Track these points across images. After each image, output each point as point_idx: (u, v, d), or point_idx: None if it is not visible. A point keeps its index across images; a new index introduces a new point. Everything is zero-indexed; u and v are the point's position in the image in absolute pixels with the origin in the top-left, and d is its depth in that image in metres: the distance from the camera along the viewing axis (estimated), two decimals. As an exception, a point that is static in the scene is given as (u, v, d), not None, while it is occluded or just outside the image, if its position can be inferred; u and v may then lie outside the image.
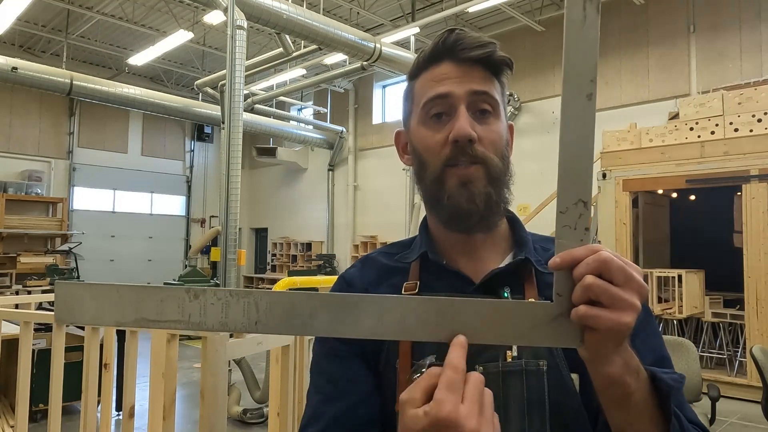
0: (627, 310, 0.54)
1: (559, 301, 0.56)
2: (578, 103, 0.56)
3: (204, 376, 1.90)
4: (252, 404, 4.78)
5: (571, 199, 0.57)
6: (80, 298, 0.55)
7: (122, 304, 0.55)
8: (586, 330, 0.55)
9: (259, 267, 16.83)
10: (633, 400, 0.61)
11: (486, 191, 0.76)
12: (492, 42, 0.79)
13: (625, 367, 0.59)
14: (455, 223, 0.79)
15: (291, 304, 0.55)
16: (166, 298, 0.55)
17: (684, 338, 3.73)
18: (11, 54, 10.31)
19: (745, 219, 5.47)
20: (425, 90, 0.80)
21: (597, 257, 0.54)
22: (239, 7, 7.41)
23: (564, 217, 0.57)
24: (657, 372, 0.64)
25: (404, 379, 0.76)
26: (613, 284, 0.54)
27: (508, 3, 9.35)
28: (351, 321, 0.56)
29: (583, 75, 0.56)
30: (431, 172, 0.79)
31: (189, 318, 0.55)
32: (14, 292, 10.74)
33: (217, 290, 0.55)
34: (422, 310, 0.56)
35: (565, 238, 0.57)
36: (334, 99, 14.45)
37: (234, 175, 7.31)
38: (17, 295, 7.91)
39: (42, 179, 13.39)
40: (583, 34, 0.56)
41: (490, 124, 0.78)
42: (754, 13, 8.27)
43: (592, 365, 0.59)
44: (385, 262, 0.89)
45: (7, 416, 4.26)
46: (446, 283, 0.81)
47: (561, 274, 0.56)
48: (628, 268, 0.54)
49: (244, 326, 0.55)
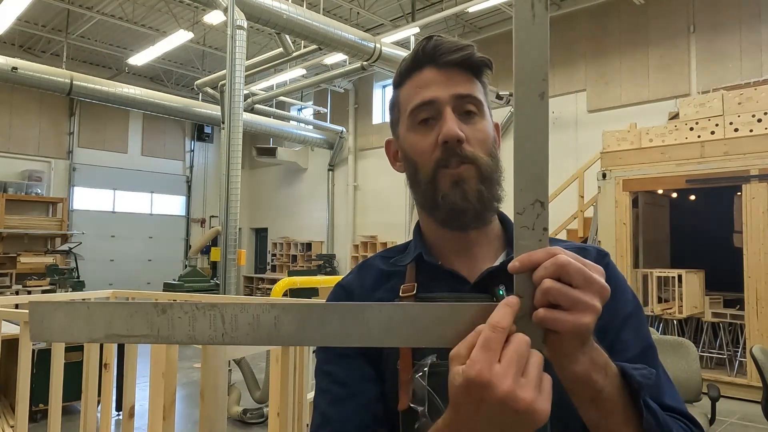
0: (586, 311, 0.54)
1: (521, 303, 0.56)
2: (531, 103, 0.56)
3: (204, 376, 1.90)
4: (252, 404, 4.78)
5: (528, 200, 0.57)
6: (53, 315, 0.56)
7: (93, 321, 0.56)
8: (548, 331, 0.56)
9: (259, 267, 16.83)
10: (603, 397, 0.61)
11: (478, 189, 0.78)
12: (469, 45, 0.81)
13: (592, 364, 0.59)
14: (452, 220, 0.80)
15: (254, 316, 0.56)
16: (134, 313, 0.56)
17: (684, 338, 3.73)
18: (11, 54, 10.31)
19: (745, 219, 5.47)
20: (410, 97, 0.82)
21: (555, 261, 0.55)
22: (239, 7, 7.41)
23: (521, 218, 0.57)
24: (627, 368, 0.64)
25: (405, 379, 0.76)
26: (572, 287, 0.54)
27: (508, 3, 9.34)
28: (315, 328, 0.56)
29: (534, 74, 0.56)
30: (424, 175, 0.80)
31: (158, 332, 0.55)
32: (14, 292, 10.75)
33: (183, 304, 0.56)
34: (393, 316, 0.56)
35: (524, 239, 0.57)
36: (334, 99, 14.44)
37: (234, 175, 7.31)
38: (17, 295, 7.91)
39: (42, 179, 13.39)
40: (533, 33, 0.56)
41: (476, 124, 0.80)
42: (754, 13, 8.27)
43: (557, 365, 0.59)
44: (382, 267, 0.90)
45: (7, 416, 4.26)
46: (443, 284, 0.82)
47: (521, 277, 0.57)
48: (587, 271, 0.55)
49: (211, 338, 0.55)
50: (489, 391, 0.50)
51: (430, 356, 0.75)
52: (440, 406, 0.74)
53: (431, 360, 0.75)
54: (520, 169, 0.57)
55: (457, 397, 0.53)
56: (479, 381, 0.50)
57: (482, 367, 0.50)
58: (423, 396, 0.74)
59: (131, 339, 0.56)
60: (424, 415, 0.74)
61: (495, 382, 0.50)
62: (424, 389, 0.74)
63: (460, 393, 0.52)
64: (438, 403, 0.74)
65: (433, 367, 0.75)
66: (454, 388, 0.53)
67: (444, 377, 0.75)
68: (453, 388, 0.53)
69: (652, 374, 0.66)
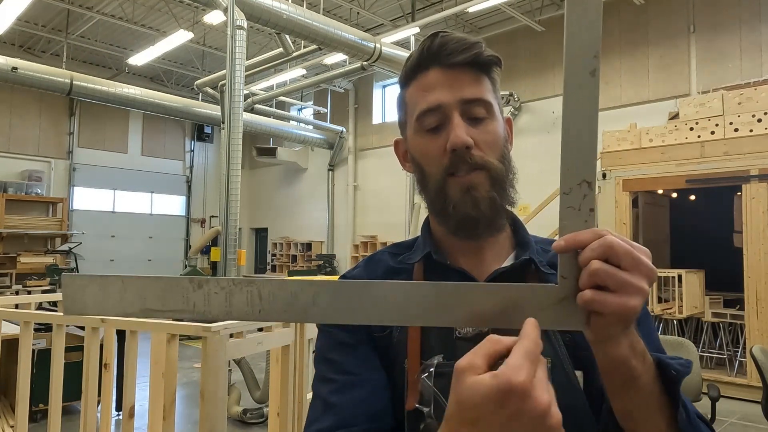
0: (634, 294, 0.53)
1: (564, 284, 0.55)
2: (581, 80, 0.54)
3: (204, 376, 1.90)
4: (252, 404, 4.78)
5: (575, 180, 0.55)
6: (86, 289, 0.56)
7: (127, 295, 0.56)
8: (593, 313, 0.54)
9: (259, 267, 16.83)
10: (639, 384, 0.60)
11: (490, 196, 0.76)
12: (477, 42, 0.78)
13: (632, 349, 0.58)
14: (463, 231, 0.79)
15: (293, 292, 0.55)
16: (169, 288, 0.55)
17: (684, 338, 3.73)
18: (11, 54, 10.31)
19: (745, 219, 5.46)
20: (417, 100, 0.80)
21: (603, 242, 0.53)
22: (239, 7, 7.42)
23: (568, 198, 0.56)
24: (663, 358, 0.63)
25: (413, 379, 0.75)
26: (620, 268, 0.53)
27: (508, 3, 9.35)
28: (353, 307, 0.55)
29: (586, 50, 0.54)
30: (433, 182, 0.79)
31: (194, 307, 0.55)
32: (14, 292, 10.74)
33: (220, 279, 0.56)
34: (428, 295, 0.56)
35: (569, 220, 0.56)
36: (334, 99, 14.44)
37: (234, 175, 7.31)
38: (17, 295, 7.91)
39: (42, 179, 13.39)
40: (587, 7, 0.54)
41: (486, 126, 0.78)
42: (754, 13, 8.27)
43: (598, 347, 0.58)
44: (390, 263, 0.89)
45: (7, 416, 4.26)
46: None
47: (566, 257, 0.55)
48: (636, 252, 0.53)
49: (247, 314, 0.55)
50: (530, 402, 0.46)
51: (437, 356, 0.75)
52: (446, 407, 0.74)
53: (438, 360, 0.74)
54: (568, 149, 0.55)
55: (481, 408, 0.46)
56: (522, 389, 0.45)
57: (527, 377, 0.46)
58: (429, 397, 0.74)
59: (166, 314, 0.56)
60: (430, 416, 0.74)
61: (537, 395, 0.46)
62: (431, 390, 0.74)
63: (487, 403, 0.46)
64: (444, 404, 0.74)
65: (439, 368, 0.74)
66: (476, 398, 0.46)
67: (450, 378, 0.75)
68: (474, 398, 0.47)
69: (689, 364, 0.65)
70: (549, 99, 10.30)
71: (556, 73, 10.15)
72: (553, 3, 10.18)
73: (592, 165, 0.55)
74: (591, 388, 0.75)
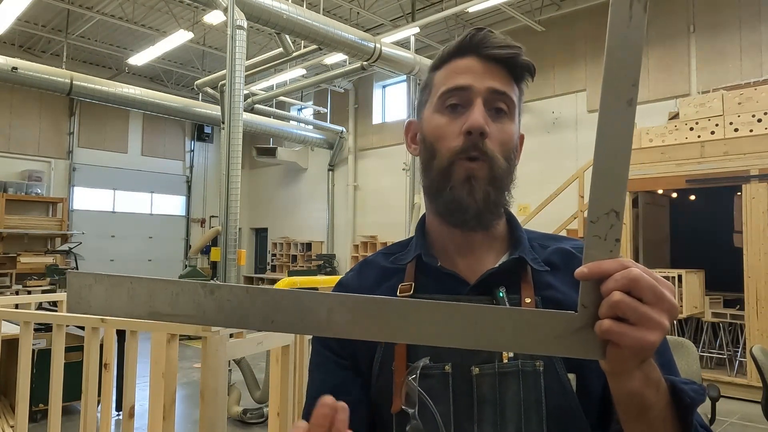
0: (654, 328, 0.52)
1: (584, 312, 0.54)
2: (618, 109, 0.54)
3: (204, 376, 1.90)
4: (252, 404, 4.78)
5: (603, 209, 0.54)
6: (93, 288, 0.55)
7: (135, 296, 0.54)
8: (610, 344, 0.54)
9: (259, 267, 16.82)
10: (652, 414, 0.60)
11: (486, 189, 0.77)
12: (518, 46, 0.80)
13: (646, 381, 0.58)
14: (452, 214, 0.79)
15: (306, 304, 0.54)
16: (180, 292, 0.54)
17: (684, 338, 3.73)
18: (11, 54, 10.31)
19: (745, 219, 5.47)
20: (445, 80, 0.80)
21: (627, 274, 0.52)
22: (239, 7, 7.41)
23: (594, 226, 0.54)
24: (678, 383, 0.63)
25: (400, 381, 0.75)
26: (642, 302, 0.53)
27: (508, 3, 9.34)
28: (367, 324, 0.54)
29: (625, 78, 0.53)
30: (439, 162, 0.78)
31: (204, 314, 0.54)
32: (14, 292, 10.74)
33: (233, 287, 0.54)
34: (446, 316, 0.55)
35: (595, 249, 0.54)
36: (334, 99, 14.44)
37: (234, 175, 7.31)
38: (17, 295, 7.91)
39: (42, 179, 13.39)
40: (629, 35, 0.53)
41: (503, 124, 0.79)
42: (754, 13, 8.27)
43: (613, 378, 0.58)
44: (383, 264, 0.89)
45: (7, 416, 4.26)
46: (441, 285, 0.81)
47: (588, 286, 0.55)
48: (659, 287, 0.53)
49: (261, 325, 0.54)
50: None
51: (423, 359, 0.75)
52: (432, 407, 0.74)
53: (424, 362, 0.75)
54: (599, 177, 0.54)
55: None
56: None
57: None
58: (415, 398, 0.74)
59: (175, 318, 0.54)
60: (415, 417, 0.74)
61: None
62: (416, 391, 0.74)
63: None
64: (429, 404, 0.74)
65: (425, 369, 0.74)
66: None
67: (436, 379, 0.75)
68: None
69: (703, 390, 0.65)
70: (549, 99, 10.29)
71: (556, 73, 10.15)
72: (553, 3, 10.18)
73: (622, 195, 0.54)
74: (584, 390, 0.74)
